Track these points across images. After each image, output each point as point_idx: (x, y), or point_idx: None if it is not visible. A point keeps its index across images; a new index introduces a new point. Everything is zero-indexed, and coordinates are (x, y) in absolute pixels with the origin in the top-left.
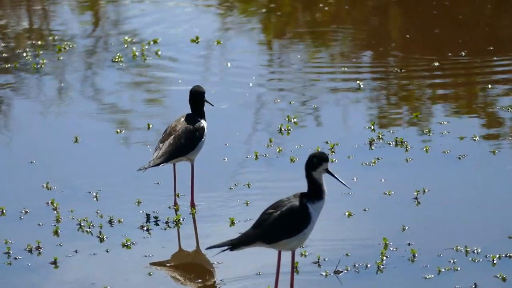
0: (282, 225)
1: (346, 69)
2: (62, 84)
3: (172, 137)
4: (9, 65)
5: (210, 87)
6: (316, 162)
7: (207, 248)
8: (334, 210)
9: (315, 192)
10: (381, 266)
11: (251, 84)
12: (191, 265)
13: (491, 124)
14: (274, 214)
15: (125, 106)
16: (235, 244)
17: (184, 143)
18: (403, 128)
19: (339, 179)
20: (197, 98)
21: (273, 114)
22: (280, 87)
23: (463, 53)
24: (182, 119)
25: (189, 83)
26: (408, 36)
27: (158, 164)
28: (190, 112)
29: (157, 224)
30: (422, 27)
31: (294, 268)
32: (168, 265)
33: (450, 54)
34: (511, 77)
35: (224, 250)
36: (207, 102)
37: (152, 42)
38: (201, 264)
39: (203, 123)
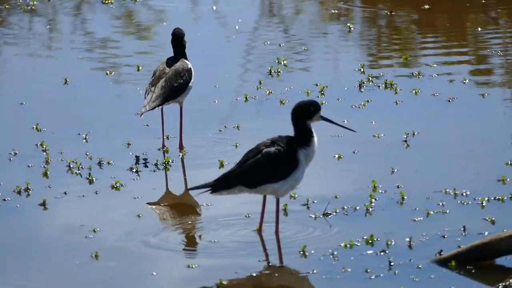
0: (266, 167)
1: (335, 11)
2: (52, 26)
3: (163, 79)
4: None
5: (199, 30)
6: (314, 111)
7: (189, 189)
8: (323, 152)
9: (305, 139)
10: (370, 209)
11: (237, 27)
12: (180, 206)
13: (480, 67)
14: (257, 156)
15: (114, 47)
16: (215, 187)
17: (177, 85)
18: (393, 71)
19: (339, 123)
20: (178, 40)
21: (263, 57)
22: (269, 29)
23: None
24: (169, 62)
25: (178, 25)
26: None
27: (154, 108)
28: (173, 54)
29: (146, 166)
30: None
31: (279, 213)
32: (156, 206)
33: None
34: (501, 20)
35: (206, 191)
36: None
37: None
38: (190, 206)
39: (189, 64)
